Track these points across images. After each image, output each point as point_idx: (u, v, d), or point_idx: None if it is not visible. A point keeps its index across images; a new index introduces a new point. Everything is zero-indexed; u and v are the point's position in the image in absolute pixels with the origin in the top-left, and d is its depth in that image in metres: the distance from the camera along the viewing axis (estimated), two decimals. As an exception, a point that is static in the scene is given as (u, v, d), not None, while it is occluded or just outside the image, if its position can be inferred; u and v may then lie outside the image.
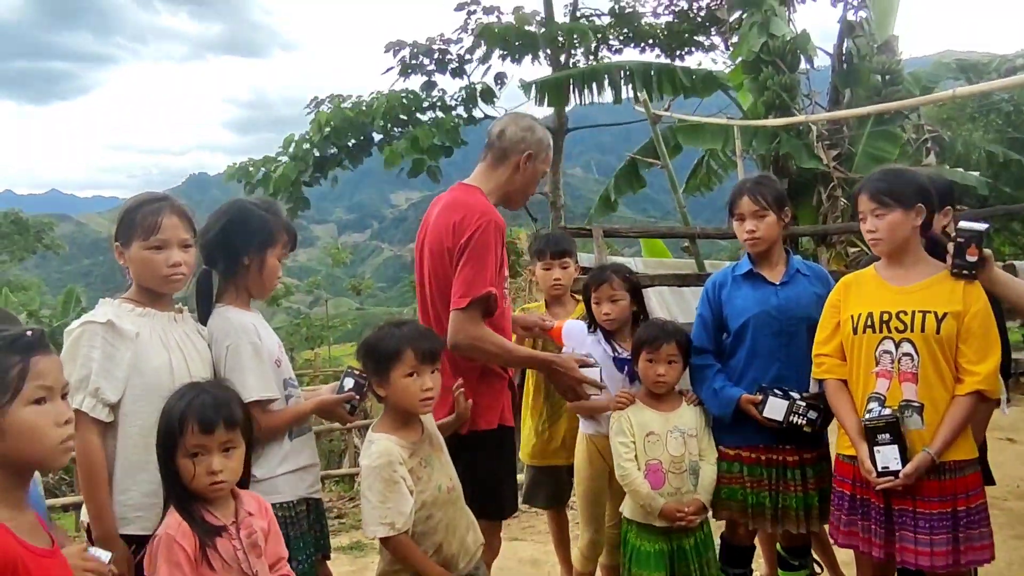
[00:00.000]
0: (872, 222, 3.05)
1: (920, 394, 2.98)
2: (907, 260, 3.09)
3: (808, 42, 11.57)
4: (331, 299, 72.28)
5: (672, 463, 3.44)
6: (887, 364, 3.03)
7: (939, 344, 2.96)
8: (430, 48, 14.49)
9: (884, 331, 3.03)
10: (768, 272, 3.54)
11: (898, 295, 3.06)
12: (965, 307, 2.96)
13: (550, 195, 15.22)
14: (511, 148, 3.43)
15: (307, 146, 14.36)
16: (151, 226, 2.60)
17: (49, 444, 1.75)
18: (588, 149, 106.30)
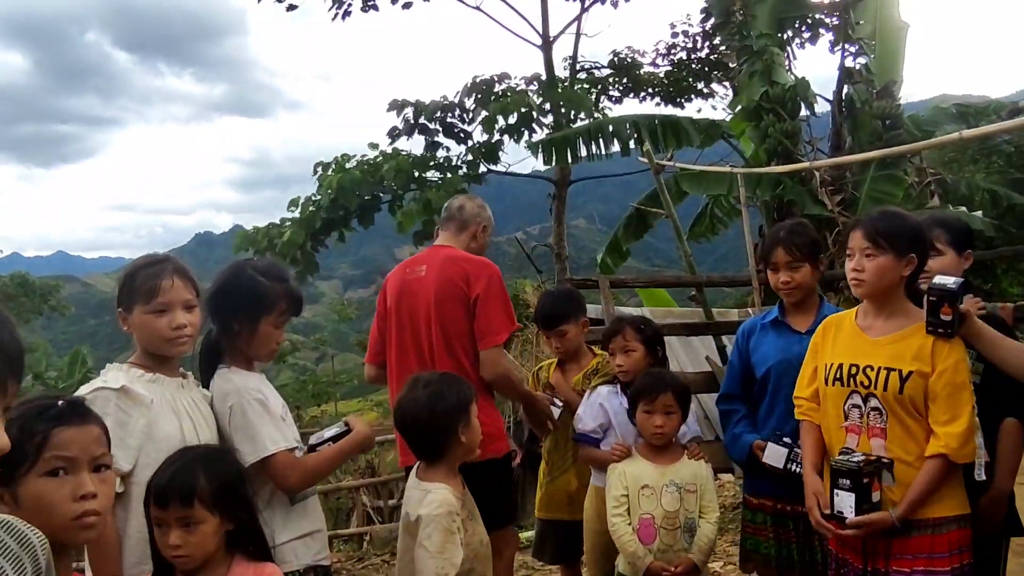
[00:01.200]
0: (860, 261, 2.92)
1: (889, 450, 2.86)
2: (887, 310, 2.96)
3: (808, 89, 11.66)
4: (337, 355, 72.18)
5: (665, 518, 3.37)
6: (856, 419, 2.93)
7: (901, 403, 2.82)
8: (434, 111, 14.64)
9: (852, 384, 2.92)
10: (796, 320, 3.52)
11: (869, 347, 2.93)
12: (932, 366, 2.80)
13: (555, 247, 15.27)
14: (470, 220, 4.13)
15: (313, 208, 14.45)
16: (151, 290, 2.57)
17: (61, 518, 1.70)
18: (591, 200, 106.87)
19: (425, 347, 3.81)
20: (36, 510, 1.67)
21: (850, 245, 2.97)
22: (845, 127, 11.74)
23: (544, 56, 16.07)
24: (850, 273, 2.95)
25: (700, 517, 3.39)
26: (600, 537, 3.73)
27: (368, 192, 14.31)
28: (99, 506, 1.76)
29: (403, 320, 3.88)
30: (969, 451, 2.78)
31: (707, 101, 17.76)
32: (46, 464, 1.70)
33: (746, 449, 3.47)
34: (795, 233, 3.51)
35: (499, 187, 18.71)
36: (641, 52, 17.90)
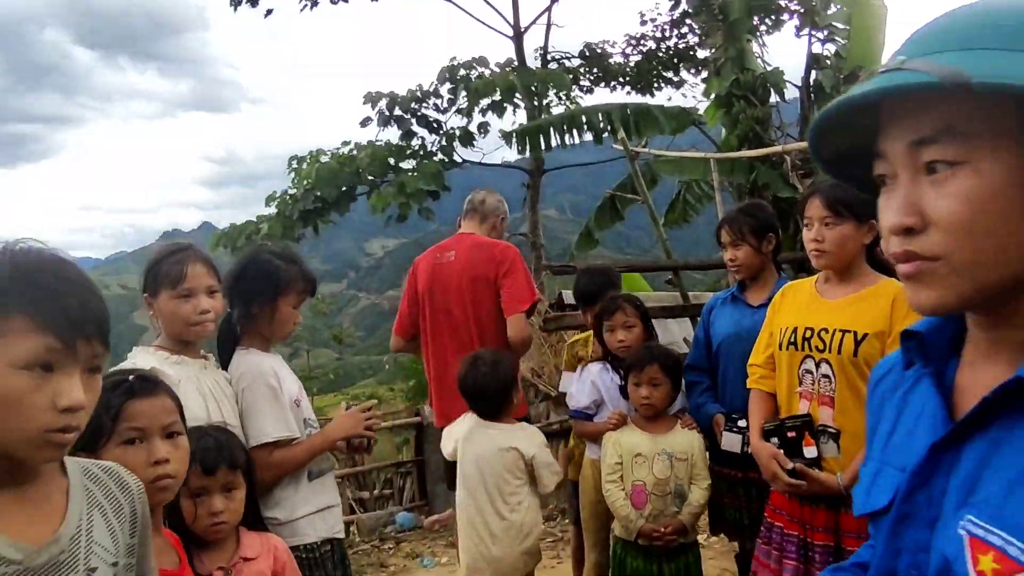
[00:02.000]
0: (819, 231, 2.83)
1: (836, 419, 2.77)
2: (846, 275, 2.89)
3: (780, 76, 11.86)
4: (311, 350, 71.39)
5: (656, 485, 3.48)
6: (808, 385, 2.85)
7: (856, 367, 2.70)
8: (409, 102, 14.68)
9: (806, 349, 2.84)
10: (752, 295, 3.63)
11: (826, 310, 2.85)
12: (890, 328, 2.68)
13: (530, 236, 15.38)
14: (490, 212, 4.64)
15: (290, 201, 14.46)
16: (178, 275, 2.68)
17: None
18: (561, 190, 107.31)
19: (459, 324, 4.28)
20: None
21: (807, 214, 2.89)
22: (814, 112, 11.97)
23: (515, 47, 16.14)
24: (810, 244, 2.87)
25: (692, 484, 3.51)
26: (596, 505, 3.91)
27: (345, 182, 14.34)
28: (173, 470, 1.90)
29: (436, 302, 4.33)
30: None
31: (677, 90, 17.93)
32: (121, 435, 1.85)
33: (707, 420, 3.61)
34: (742, 212, 3.64)
35: (472, 178, 18.71)
36: (611, 43, 18.04)
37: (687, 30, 16.42)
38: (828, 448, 2.79)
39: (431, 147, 14.99)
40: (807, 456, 2.78)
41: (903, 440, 1.04)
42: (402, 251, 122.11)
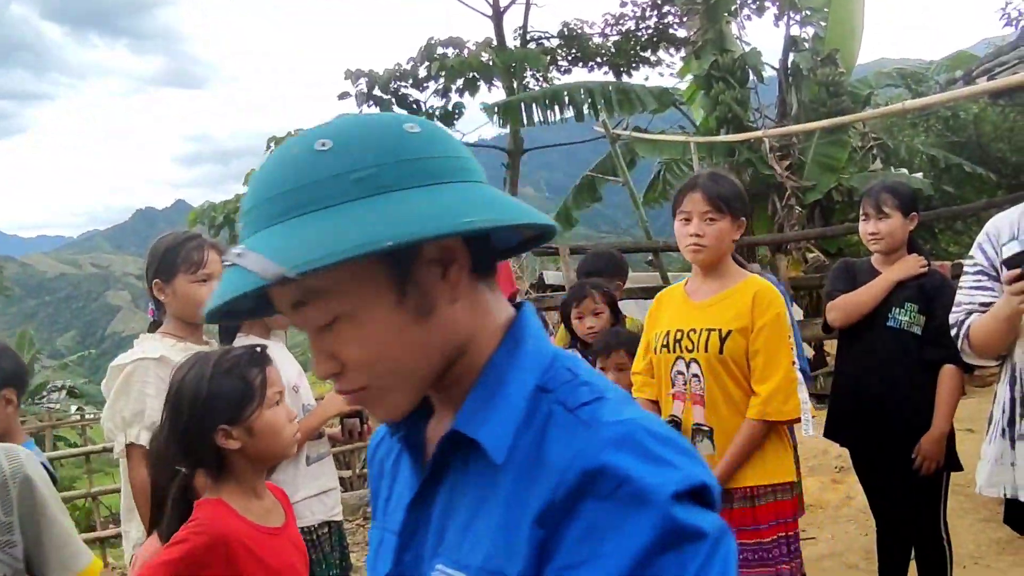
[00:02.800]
0: (700, 226, 2.80)
1: (708, 417, 2.80)
2: (714, 274, 2.90)
3: (758, 58, 11.96)
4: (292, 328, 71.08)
5: None
6: (680, 386, 2.86)
7: (723, 364, 2.75)
8: (388, 80, 14.64)
9: (677, 350, 2.86)
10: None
11: (693, 311, 2.88)
12: (752, 321, 2.73)
13: (510, 215, 15.45)
14: None
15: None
16: (199, 261, 2.79)
17: (287, 438, 2.05)
18: (537, 168, 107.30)
19: None
20: (271, 436, 2.00)
21: (685, 208, 2.85)
22: (792, 94, 12.10)
23: (494, 26, 16.13)
24: (688, 239, 2.83)
25: None
26: None
27: (321, 161, 14.35)
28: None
29: None
30: (790, 408, 2.73)
31: (654, 70, 17.98)
32: (271, 399, 2.00)
33: None
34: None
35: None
36: (590, 23, 18.02)
37: (667, 10, 16.44)
38: (704, 447, 2.80)
39: (410, 127, 14.99)
40: None
41: (395, 504, 1.05)
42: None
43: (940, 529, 3.62)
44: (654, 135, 11.71)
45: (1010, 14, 11.08)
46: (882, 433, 3.55)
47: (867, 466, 3.79)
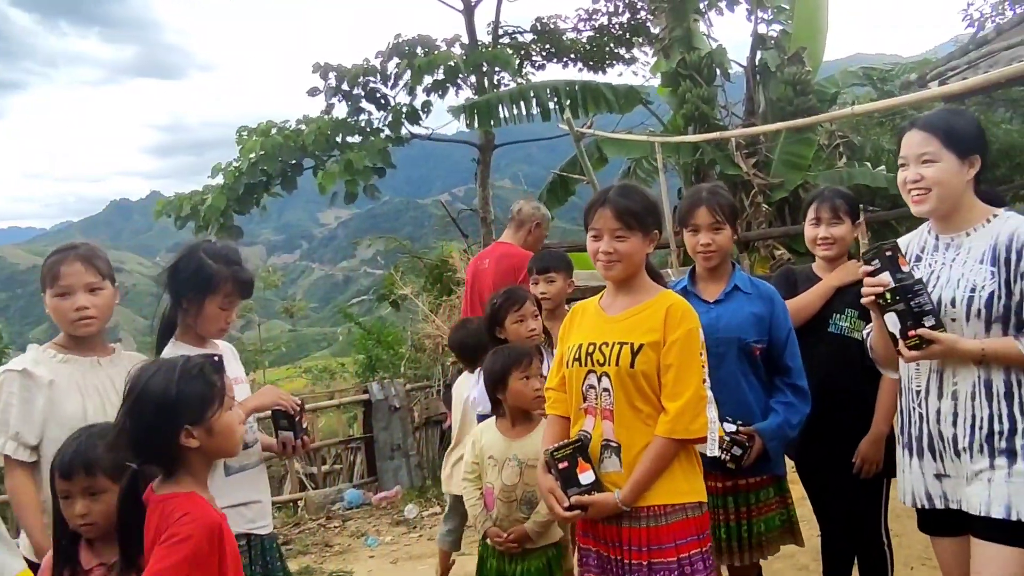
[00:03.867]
0: (610, 243, 2.77)
1: (617, 433, 2.75)
2: (627, 287, 2.87)
3: (724, 55, 11.99)
4: (264, 322, 70.78)
5: (502, 491, 3.39)
6: (592, 400, 2.81)
7: (633, 379, 2.70)
8: (357, 76, 14.51)
9: (588, 364, 2.81)
10: (706, 288, 3.46)
11: (606, 325, 2.85)
12: (664, 336, 2.70)
13: (480, 211, 15.39)
14: (526, 220, 5.60)
15: (236, 173, 14.24)
16: (55, 275, 2.81)
17: (238, 438, 2.26)
18: (516, 161, 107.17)
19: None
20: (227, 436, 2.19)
21: (596, 225, 2.83)
22: (759, 92, 12.14)
23: (466, 21, 16.01)
24: (600, 256, 2.81)
25: None
26: None
27: (291, 157, 14.17)
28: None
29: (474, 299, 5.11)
30: (698, 426, 2.68)
31: (629, 67, 17.96)
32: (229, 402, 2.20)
33: None
34: (716, 195, 3.45)
35: (424, 149, 18.65)
36: (563, 17, 17.97)
37: (640, 6, 16.42)
38: (611, 463, 2.75)
39: (378, 123, 14.86)
40: (583, 483, 2.71)
41: None
42: (356, 222, 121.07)
43: (881, 534, 3.65)
44: (618, 134, 11.69)
45: (972, 15, 11.20)
46: (824, 440, 3.57)
47: (810, 472, 3.82)
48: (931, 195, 2.66)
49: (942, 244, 2.75)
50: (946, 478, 2.68)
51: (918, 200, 2.69)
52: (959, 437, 2.61)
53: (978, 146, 2.70)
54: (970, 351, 2.57)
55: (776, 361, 3.38)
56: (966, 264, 2.65)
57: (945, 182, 2.65)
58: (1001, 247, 2.58)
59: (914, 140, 2.71)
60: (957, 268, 2.66)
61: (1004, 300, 2.55)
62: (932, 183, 2.65)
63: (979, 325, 2.58)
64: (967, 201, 2.70)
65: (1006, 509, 2.49)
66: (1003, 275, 2.56)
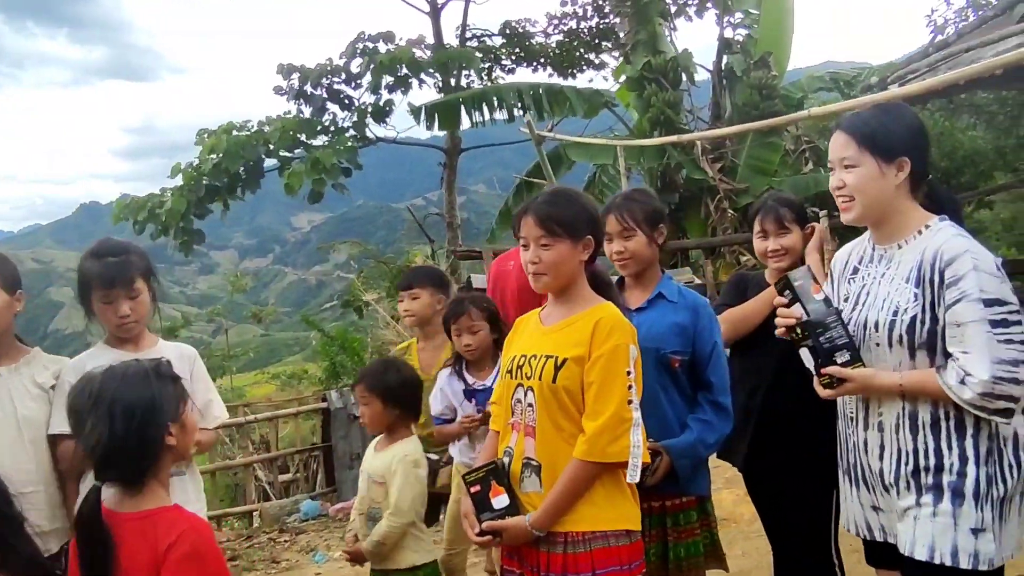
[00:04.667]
0: (536, 252, 2.61)
1: (538, 451, 2.57)
2: (564, 298, 2.68)
3: (689, 60, 11.91)
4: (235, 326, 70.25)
5: (358, 504, 3.41)
6: (519, 415, 2.64)
7: (555, 395, 2.52)
8: (320, 76, 14.30)
9: (518, 377, 2.65)
10: (631, 296, 3.27)
11: (539, 337, 2.69)
12: (589, 351, 2.51)
13: (446, 216, 15.22)
14: None
15: (196, 175, 13.96)
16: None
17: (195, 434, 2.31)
18: (489, 166, 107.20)
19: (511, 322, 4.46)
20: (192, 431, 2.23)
21: (522, 234, 2.66)
22: (725, 96, 12.07)
23: (432, 23, 15.88)
24: (528, 266, 2.66)
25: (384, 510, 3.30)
26: (455, 506, 3.84)
27: (253, 157, 13.90)
28: None
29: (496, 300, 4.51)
30: (617, 449, 2.46)
31: (598, 72, 17.89)
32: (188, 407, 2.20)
33: None
34: (631, 200, 3.28)
35: (398, 153, 18.46)
36: (532, 21, 17.87)
37: (608, 11, 16.35)
38: (531, 483, 2.57)
39: (343, 123, 14.64)
40: (496, 507, 2.56)
41: None
42: (329, 226, 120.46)
43: (831, 551, 3.50)
44: (578, 138, 11.57)
45: (936, 21, 11.21)
46: (772, 453, 3.42)
47: (758, 486, 3.66)
48: (855, 203, 2.43)
49: (877, 255, 2.53)
50: (881, 511, 2.52)
51: (845, 207, 2.46)
52: (886, 471, 2.43)
53: (908, 147, 2.44)
54: (888, 387, 2.36)
55: (699, 375, 3.16)
56: (892, 282, 2.42)
57: (865, 189, 2.41)
58: (926, 265, 2.34)
59: (836, 143, 2.47)
60: (884, 285, 2.44)
61: (928, 325, 2.31)
62: (853, 190, 2.42)
63: (903, 352, 2.36)
64: (900, 207, 2.44)
65: (929, 550, 2.30)
66: (927, 297, 2.32)
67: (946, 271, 2.27)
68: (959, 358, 2.24)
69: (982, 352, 2.21)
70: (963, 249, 2.27)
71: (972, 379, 2.21)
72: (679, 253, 11.22)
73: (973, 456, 2.30)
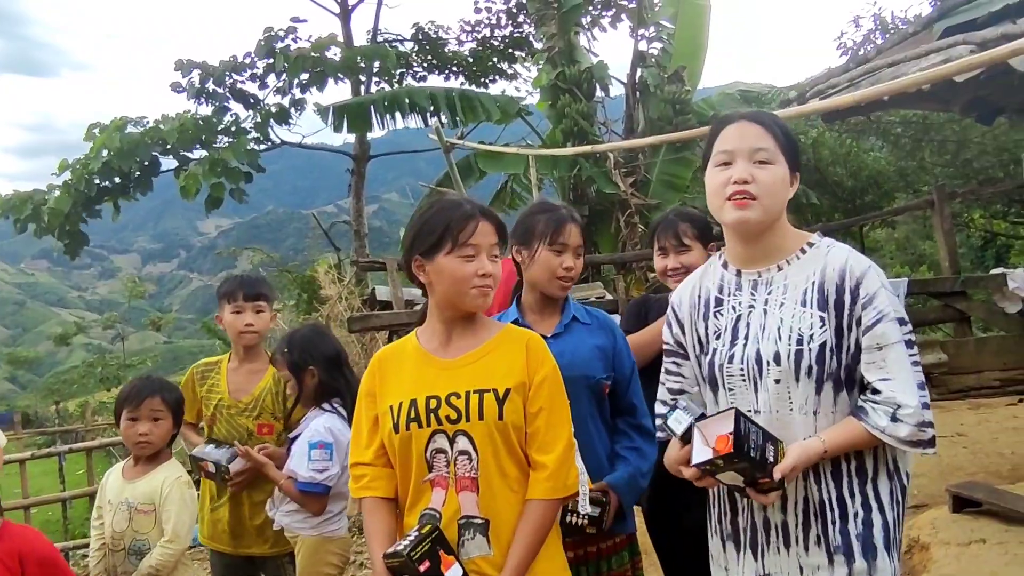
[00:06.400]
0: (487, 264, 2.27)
1: (482, 506, 2.19)
2: (467, 323, 2.33)
3: (604, 71, 11.78)
4: (136, 333, 67.63)
5: (112, 539, 3.06)
6: (442, 468, 2.22)
7: (503, 433, 2.19)
8: (222, 74, 13.61)
9: (434, 423, 2.22)
10: (540, 321, 2.89)
11: (446, 371, 2.28)
12: (529, 376, 2.23)
13: (353, 224, 14.73)
14: None
15: (85, 173, 13.05)
16: None
17: None
18: (404, 174, 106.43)
19: None
20: None
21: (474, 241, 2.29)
22: (639, 109, 11.97)
23: (342, 25, 15.40)
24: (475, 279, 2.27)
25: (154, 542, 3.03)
26: None
27: (147, 156, 13.08)
28: None
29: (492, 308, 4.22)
30: (574, 480, 2.24)
31: (511, 82, 17.68)
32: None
33: None
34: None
35: (311, 158, 17.88)
36: (446, 28, 17.55)
37: (522, 19, 16.16)
38: (476, 545, 2.19)
39: (245, 124, 13.96)
40: None
41: None
42: (237, 231, 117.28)
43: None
44: (488, 146, 11.27)
45: (845, 43, 11.36)
46: (672, 490, 3.06)
47: (658, 526, 3.32)
48: (758, 203, 2.09)
49: (747, 281, 2.22)
50: None
51: (742, 204, 2.09)
52: (791, 524, 2.13)
53: (799, 164, 2.24)
54: (815, 455, 2.06)
55: (620, 399, 2.89)
56: (784, 307, 2.12)
57: (775, 192, 2.11)
58: (830, 286, 2.09)
59: (749, 132, 2.14)
60: (774, 313, 2.13)
61: (837, 353, 2.06)
62: (763, 190, 2.09)
63: (810, 386, 2.07)
64: (782, 223, 2.20)
65: None
66: (835, 321, 2.07)
67: (859, 290, 2.05)
68: (881, 389, 2.02)
69: (907, 378, 2.02)
70: (867, 265, 2.09)
71: (905, 410, 2.00)
72: (590, 268, 11.01)
73: (876, 501, 2.09)
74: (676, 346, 2.35)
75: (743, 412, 2.04)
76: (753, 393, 2.12)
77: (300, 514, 3.22)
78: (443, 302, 2.29)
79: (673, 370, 2.37)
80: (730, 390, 2.16)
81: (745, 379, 2.13)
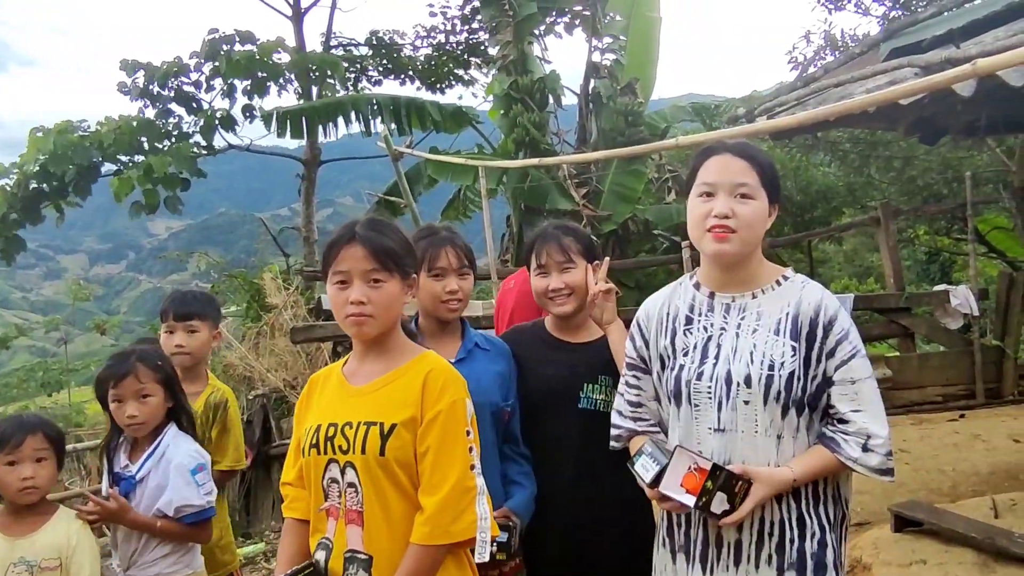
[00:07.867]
0: (363, 291, 2.17)
1: (367, 542, 2.14)
2: (379, 349, 2.28)
3: (557, 81, 11.75)
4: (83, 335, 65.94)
5: None
6: (335, 498, 2.19)
7: (385, 469, 2.12)
8: (166, 75, 13.31)
9: (329, 451, 2.19)
10: (441, 346, 2.71)
11: (350, 400, 2.24)
12: (421, 411, 2.14)
13: (303, 230, 14.51)
14: None
15: (22, 177, 12.70)
16: None
17: None
18: (357, 178, 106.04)
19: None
20: None
21: (341, 268, 2.21)
22: (591, 120, 11.95)
23: (295, 29, 15.18)
24: (348, 307, 2.19)
25: None
26: None
27: (85, 160, 12.72)
28: None
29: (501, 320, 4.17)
30: (463, 526, 2.11)
31: (468, 88, 17.57)
32: None
33: None
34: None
35: (264, 161, 17.67)
36: (401, 33, 17.39)
37: (477, 25, 16.07)
38: None
39: (188, 128, 13.67)
40: None
41: None
42: (188, 233, 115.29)
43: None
44: (438, 156, 11.15)
45: (797, 58, 11.48)
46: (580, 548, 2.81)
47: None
48: (737, 237, 2.19)
49: (719, 304, 2.30)
50: None
51: (721, 237, 2.18)
52: (745, 543, 2.18)
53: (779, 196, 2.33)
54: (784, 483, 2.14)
55: (508, 427, 2.81)
56: (757, 333, 2.22)
57: (754, 225, 2.21)
58: (804, 319, 2.20)
59: (732, 167, 2.22)
60: (746, 337, 2.23)
61: (803, 382, 2.17)
62: (742, 224, 2.18)
63: (776, 410, 2.17)
64: (759, 254, 2.31)
65: None
66: (804, 352, 2.18)
67: (832, 325, 2.18)
68: (854, 420, 2.14)
69: (877, 411, 2.16)
70: (838, 304, 2.23)
71: (876, 440, 2.13)
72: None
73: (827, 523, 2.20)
74: (638, 360, 2.40)
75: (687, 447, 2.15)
76: (716, 411, 2.20)
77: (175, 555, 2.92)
78: None
79: (633, 383, 2.43)
80: (695, 406, 2.23)
81: (711, 397, 2.20)
